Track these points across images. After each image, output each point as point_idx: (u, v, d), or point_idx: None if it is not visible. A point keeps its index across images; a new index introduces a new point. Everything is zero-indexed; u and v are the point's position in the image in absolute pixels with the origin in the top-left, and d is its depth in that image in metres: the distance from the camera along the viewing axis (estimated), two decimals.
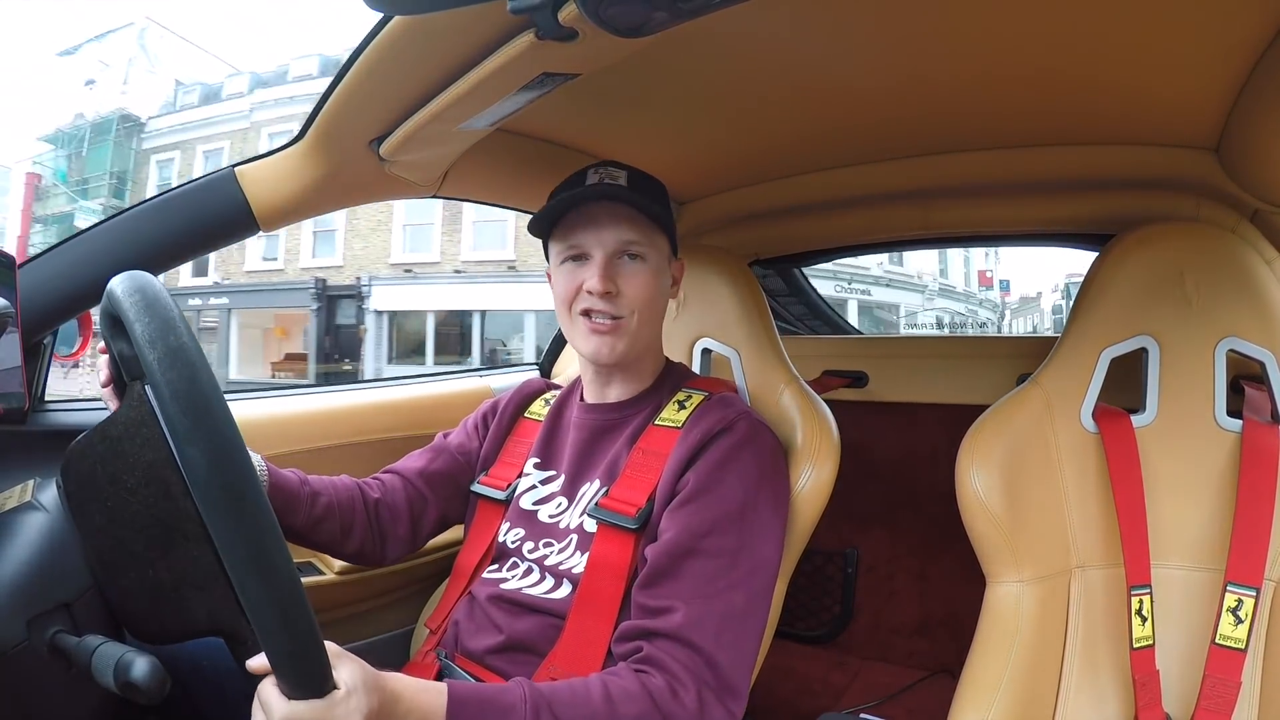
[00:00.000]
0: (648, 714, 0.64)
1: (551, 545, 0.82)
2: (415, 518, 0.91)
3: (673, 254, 0.88)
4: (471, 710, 0.59)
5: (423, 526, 0.93)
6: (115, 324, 0.49)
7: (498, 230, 13.38)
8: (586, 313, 0.80)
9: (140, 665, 0.45)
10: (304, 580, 0.81)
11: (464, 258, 13.82)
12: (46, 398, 0.91)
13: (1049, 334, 2.49)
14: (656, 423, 0.82)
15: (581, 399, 0.91)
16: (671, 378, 0.89)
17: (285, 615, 0.42)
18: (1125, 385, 0.87)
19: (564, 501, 0.85)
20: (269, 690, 0.49)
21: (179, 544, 0.55)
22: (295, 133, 0.83)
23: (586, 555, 0.78)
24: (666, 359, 0.92)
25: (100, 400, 0.98)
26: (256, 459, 0.79)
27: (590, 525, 0.79)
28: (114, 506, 0.55)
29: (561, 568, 0.80)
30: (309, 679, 0.46)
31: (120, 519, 0.55)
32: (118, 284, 0.47)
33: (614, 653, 0.72)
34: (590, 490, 0.83)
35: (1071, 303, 0.94)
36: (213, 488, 0.40)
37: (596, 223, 0.80)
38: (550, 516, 0.85)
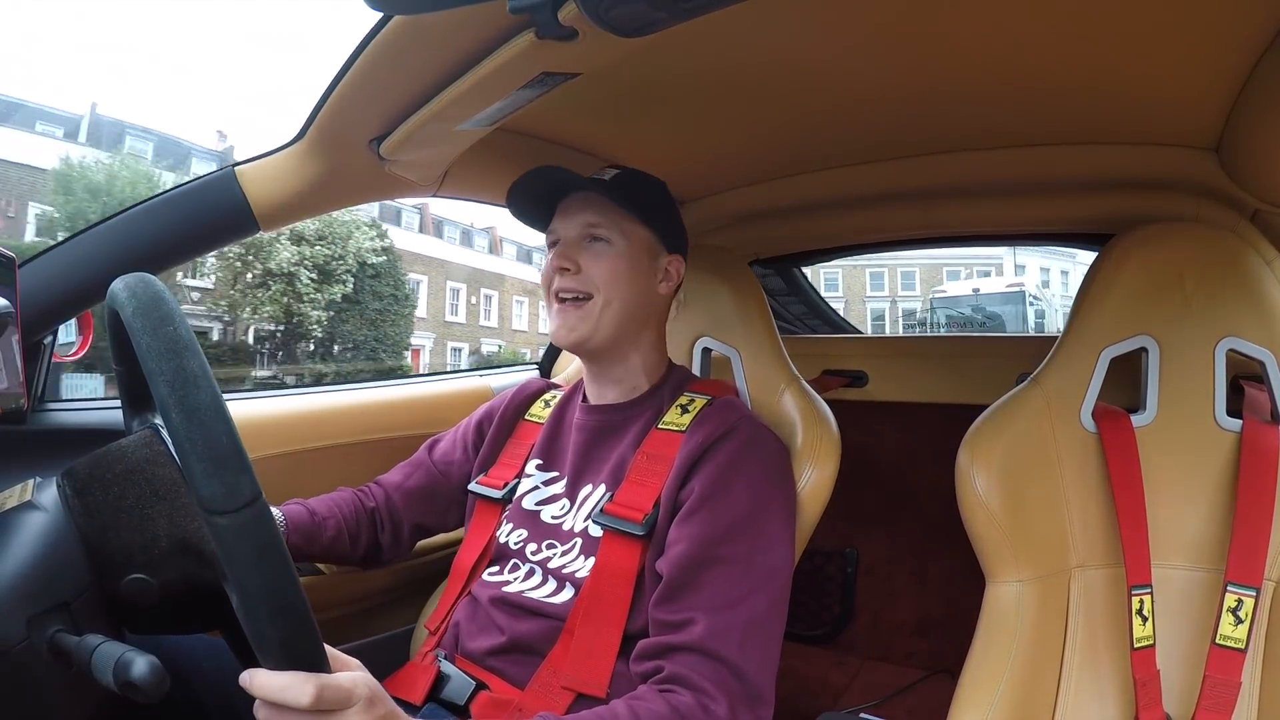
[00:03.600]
0: None
1: (555, 547, 0.82)
2: (396, 527, 0.97)
3: (667, 249, 0.87)
4: None
5: (402, 536, 0.97)
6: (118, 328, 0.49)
7: None
8: (558, 295, 0.83)
9: (140, 665, 0.44)
10: (303, 579, 0.82)
11: None
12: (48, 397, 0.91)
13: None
14: (660, 426, 0.82)
15: (584, 400, 0.91)
16: (673, 380, 0.88)
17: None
18: (1125, 385, 0.87)
19: (566, 503, 0.85)
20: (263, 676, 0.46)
21: (145, 468, 0.55)
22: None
23: (591, 560, 0.78)
24: (670, 361, 0.92)
25: (99, 400, 0.98)
26: (276, 512, 0.84)
27: (595, 530, 0.79)
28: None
29: (565, 571, 0.80)
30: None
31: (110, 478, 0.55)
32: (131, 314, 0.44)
33: (634, 672, 0.70)
34: (593, 493, 0.83)
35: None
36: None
37: (567, 210, 0.86)
38: (553, 518, 0.84)
